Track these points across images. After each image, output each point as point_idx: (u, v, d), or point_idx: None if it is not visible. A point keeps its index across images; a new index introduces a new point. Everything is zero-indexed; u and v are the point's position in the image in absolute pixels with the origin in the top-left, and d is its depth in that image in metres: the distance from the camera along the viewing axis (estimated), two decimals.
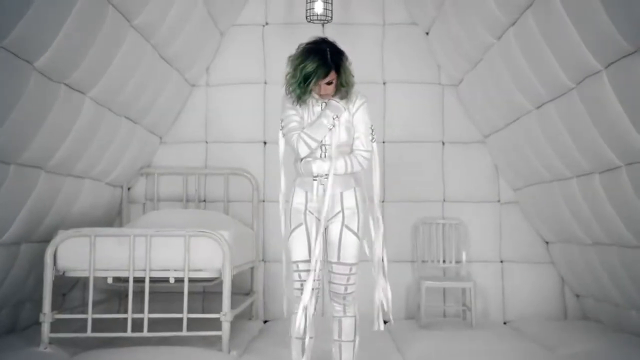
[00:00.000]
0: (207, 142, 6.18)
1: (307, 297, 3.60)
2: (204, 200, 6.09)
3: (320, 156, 3.69)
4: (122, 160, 5.45)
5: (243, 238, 5.28)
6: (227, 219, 5.64)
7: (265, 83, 6.20)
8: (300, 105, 3.71)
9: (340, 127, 3.66)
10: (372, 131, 3.74)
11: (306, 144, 3.61)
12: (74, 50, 3.94)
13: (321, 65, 3.50)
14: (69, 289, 5.79)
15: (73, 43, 3.86)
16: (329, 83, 3.58)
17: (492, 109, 5.54)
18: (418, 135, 6.12)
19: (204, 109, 6.18)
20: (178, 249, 4.45)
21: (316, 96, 3.68)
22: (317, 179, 3.67)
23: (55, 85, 4.03)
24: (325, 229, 3.71)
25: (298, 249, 3.70)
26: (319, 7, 5.54)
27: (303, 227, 3.70)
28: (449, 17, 5.37)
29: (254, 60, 6.15)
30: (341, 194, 3.70)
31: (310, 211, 3.72)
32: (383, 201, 5.99)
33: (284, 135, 3.75)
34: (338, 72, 3.58)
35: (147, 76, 5.03)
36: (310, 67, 3.48)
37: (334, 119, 3.63)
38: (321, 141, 3.65)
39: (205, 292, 5.98)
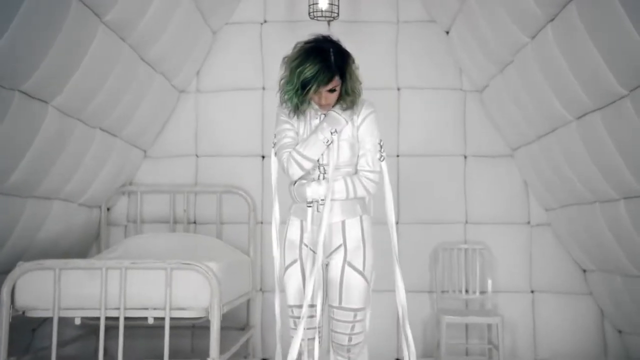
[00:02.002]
0: (197, 156, 5.87)
1: (294, 352, 3.15)
2: (194, 222, 5.78)
3: (318, 178, 3.27)
4: (97, 178, 5.05)
5: (237, 268, 4.90)
6: (219, 245, 5.31)
7: (264, 89, 5.88)
8: (297, 117, 3.29)
9: (341, 142, 3.25)
10: (381, 147, 3.33)
11: (298, 164, 3.20)
12: (30, 51, 3.50)
13: (323, 69, 3.09)
14: (38, 323, 5.35)
15: (29, 42, 3.41)
16: (331, 90, 3.16)
17: (523, 119, 5.18)
18: (437, 148, 5.82)
19: (193, 118, 5.87)
20: (158, 283, 4.05)
21: (316, 106, 3.26)
22: (312, 205, 3.25)
23: (8, 92, 3.57)
24: (326, 265, 3.30)
25: (292, 291, 3.30)
26: (323, 3, 5.20)
27: (298, 263, 3.29)
28: (474, 12, 5.01)
29: (251, 62, 5.86)
30: (343, 222, 3.28)
31: (306, 244, 3.29)
32: (397, 223, 5.70)
33: (275, 153, 3.34)
34: (343, 78, 3.17)
35: (124, 81, 4.62)
36: (309, 71, 3.08)
37: (332, 133, 3.21)
38: (317, 160, 3.23)
39: (195, 327, 5.59)
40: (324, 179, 3.24)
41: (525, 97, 4.93)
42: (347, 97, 3.21)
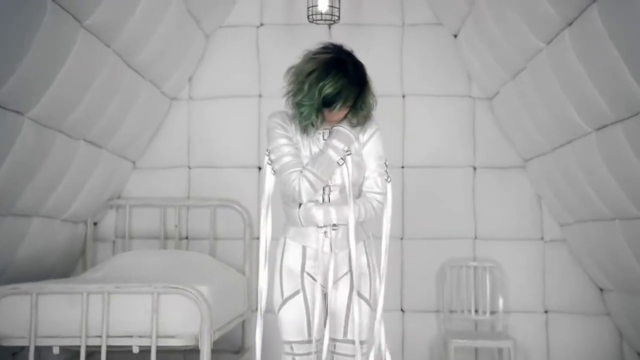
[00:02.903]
0: (189, 168, 5.73)
1: None
2: (186, 238, 5.64)
3: (323, 200, 3.09)
4: (82, 192, 4.85)
5: (230, 289, 4.75)
6: (213, 263, 5.17)
7: (260, 96, 5.74)
8: (306, 132, 3.09)
9: (350, 160, 3.10)
10: (387, 167, 3.20)
11: (312, 185, 3.01)
12: (3, 57, 3.29)
13: (347, 85, 2.92)
14: (20, 347, 5.12)
15: (2, 47, 3.21)
16: (347, 106, 3.00)
17: (536, 129, 5.02)
18: (444, 159, 5.70)
19: (186, 127, 5.73)
20: (144, 309, 3.86)
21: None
22: (323, 230, 3.07)
23: None
24: (324, 294, 3.13)
25: (292, 326, 3.09)
26: (323, 5, 5.05)
27: (300, 295, 3.09)
28: (484, 15, 4.84)
29: (247, 68, 5.73)
30: (349, 249, 3.12)
31: (308, 273, 3.10)
32: (402, 238, 5.63)
33: (274, 172, 3.12)
34: (360, 93, 3.01)
35: (109, 89, 4.41)
36: (332, 87, 2.90)
37: (345, 151, 3.05)
38: (327, 181, 3.07)
39: (187, 351, 5.29)
40: (329, 201, 3.08)
41: (539, 106, 4.76)
42: (360, 112, 3.06)
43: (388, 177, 3.19)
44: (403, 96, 5.72)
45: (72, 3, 3.58)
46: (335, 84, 2.90)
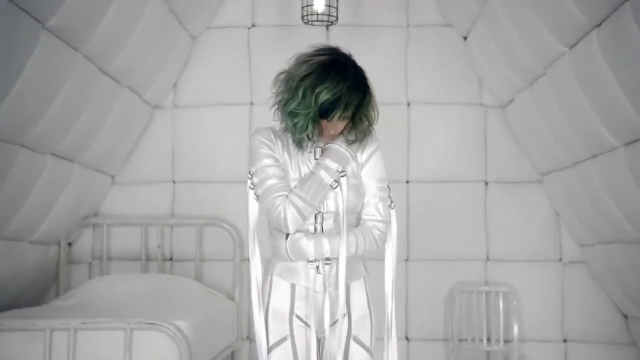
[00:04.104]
0: (174, 182, 5.59)
1: None
2: (170, 259, 5.49)
3: (315, 230, 2.76)
4: (52, 211, 4.58)
5: (216, 320, 4.55)
6: (198, 290, 4.97)
7: (252, 104, 5.60)
8: (284, 148, 2.79)
9: (345, 182, 2.77)
10: (390, 191, 2.89)
11: (300, 212, 2.69)
12: None
13: (348, 92, 2.62)
14: None
15: None
16: (345, 117, 2.70)
17: (555, 141, 4.85)
18: (453, 173, 5.61)
19: (170, 138, 5.61)
20: (116, 347, 3.63)
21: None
22: (314, 265, 2.75)
23: None
24: (319, 340, 2.82)
25: None
26: (319, 4, 4.87)
27: (288, 342, 2.75)
28: (498, 15, 4.67)
29: (237, 73, 5.60)
30: (347, 287, 2.80)
31: (298, 316, 2.77)
32: (407, 260, 5.50)
33: (257, 197, 2.81)
34: (362, 102, 2.71)
35: (79, 98, 4.15)
36: (331, 93, 2.60)
37: (339, 172, 2.72)
38: (318, 207, 2.74)
39: None
40: (322, 231, 2.75)
41: (560, 116, 4.55)
42: (360, 125, 2.74)
43: (391, 202, 2.86)
44: (408, 104, 5.63)
45: (31, 3, 3.31)
46: (334, 89, 2.60)
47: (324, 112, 2.61)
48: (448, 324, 5.40)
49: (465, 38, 5.54)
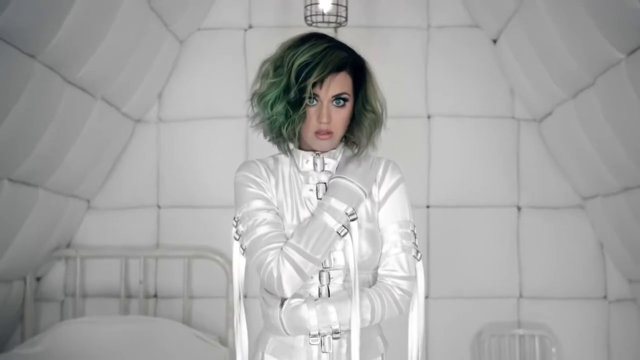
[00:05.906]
0: (159, 207, 5.27)
1: None
2: (155, 296, 5.16)
3: (319, 294, 2.25)
4: (12, 243, 4.16)
5: None
6: (185, 335, 4.57)
7: (248, 117, 5.05)
8: (277, 185, 2.31)
9: (356, 228, 2.26)
10: (415, 236, 2.36)
11: (298, 270, 2.18)
12: None
13: (330, 51, 2.22)
14: None
15: None
16: (338, 100, 2.21)
17: (603, 161, 4.49)
18: (480, 197, 5.30)
19: (154, 156, 5.29)
20: None
21: (301, 151, 2.33)
22: (318, 340, 2.23)
23: None
24: None
25: None
26: (325, 3, 4.55)
27: None
28: (535, 13, 4.31)
29: (232, 81, 5.28)
30: None
31: None
32: (427, 297, 5.14)
33: (243, 250, 2.28)
34: (358, 82, 2.28)
35: (40, 113, 3.70)
36: (306, 54, 2.20)
37: (348, 215, 2.22)
38: (322, 262, 2.23)
39: None
40: (328, 294, 2.25)
41: (610, 133, 4.16)
42: (365, 114, 2.29)
43: (418, 252, 2.33)
44: (428, 117, 5.33)
45: None
46: (313, 50, 2.21)
47: (302, 83, 2.17)
48: None
49: (494, 41, 5.25)
